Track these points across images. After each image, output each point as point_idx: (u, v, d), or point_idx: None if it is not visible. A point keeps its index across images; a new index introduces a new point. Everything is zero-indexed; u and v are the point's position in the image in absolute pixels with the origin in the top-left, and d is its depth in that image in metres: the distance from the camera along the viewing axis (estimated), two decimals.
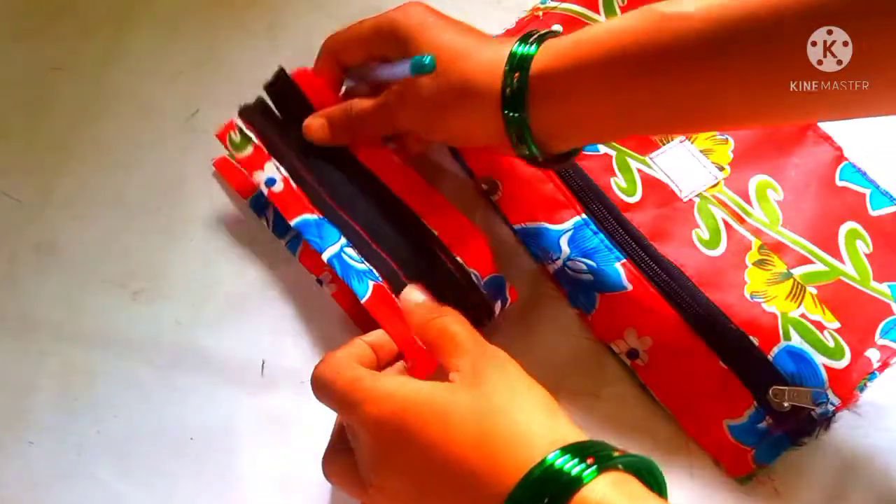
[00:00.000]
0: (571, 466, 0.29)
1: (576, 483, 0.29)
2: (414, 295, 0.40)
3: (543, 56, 0.37)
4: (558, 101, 0.37)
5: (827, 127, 0.47)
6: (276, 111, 0.47)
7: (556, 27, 0.47)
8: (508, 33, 0.52)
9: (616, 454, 0.30)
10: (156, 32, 0.55)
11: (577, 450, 0.30)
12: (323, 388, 0.36)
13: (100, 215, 0.49)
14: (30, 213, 0.50)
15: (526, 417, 0.32)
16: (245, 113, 0.46)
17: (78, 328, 0.46)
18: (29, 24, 0.56)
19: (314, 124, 0.45)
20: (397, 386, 0.34)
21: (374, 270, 0.42)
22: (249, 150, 0.45)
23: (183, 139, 0.51)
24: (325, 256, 0.42)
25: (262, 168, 0.45)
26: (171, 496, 0.42)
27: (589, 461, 0.29)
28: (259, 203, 0.48)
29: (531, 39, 0.38)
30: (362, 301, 0.40)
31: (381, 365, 0.39)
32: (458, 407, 0.32)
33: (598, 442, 0.31)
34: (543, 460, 0.29)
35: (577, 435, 0.31)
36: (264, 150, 0.45)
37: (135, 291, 0.47)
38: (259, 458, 0.42)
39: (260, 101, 0.47)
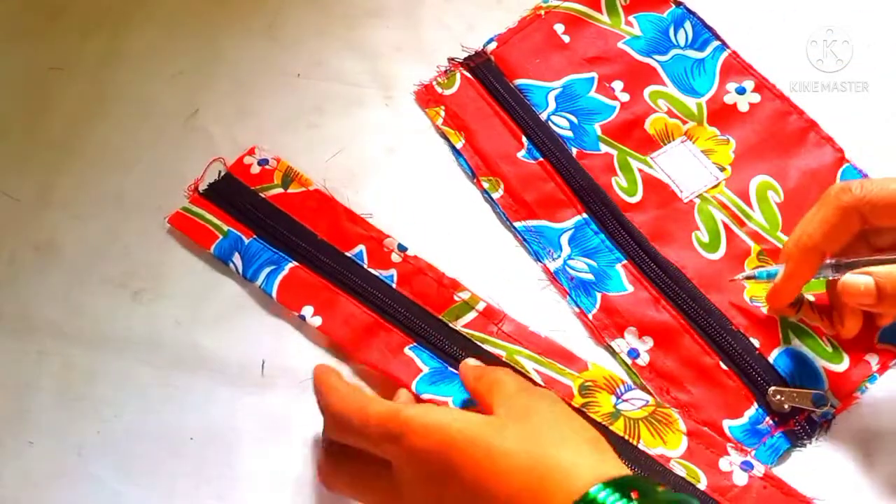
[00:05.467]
0: (613, 501, 0.29)
1: None
2: (470, 360, 0.40)
3: None
4: None
5: (829, 128, 0.47)
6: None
7: None
8: (511, 32, 0.52)
9: (660, 489, 0.30)
10: (156, 32, 0.55)
11: (620, 484, 0.29)
12: (351, 423, 0.35)
13: (100, 215, 0.49)
14: (29, 213, 0.50)
15: (572, 453, 0.32)
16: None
17: (78, 328, 0.46)
18: (29, 24, 0.56)
19: (862, 283, 0.38)
20: (444, 418, 0.33)
21: None
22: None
23: (183, 139, 0.51)
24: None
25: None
26: (171, 496, 0.42)
27: (633, 495, 0.29)
28: (223, 249, 0.47)
29: None
30: None
31: None
32: (505, 441, 0.32)
33: (642, 477, 0.31)
34: (586, 494, 0.29)
35: (622, 471, 0.31)
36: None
37: (135, 291, 0.47)
38: (259, 458, 0.42)
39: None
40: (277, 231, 0.47)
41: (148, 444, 0.43)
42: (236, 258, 0.46)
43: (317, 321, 0.44)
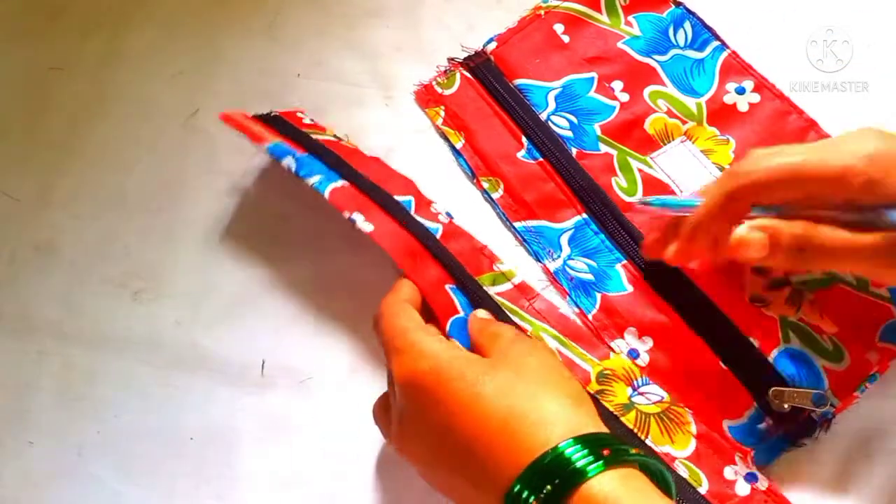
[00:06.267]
0: (580, 457, 0.29)
1: (579, 475, 0.29)
2: (480, 312, 0.41)
3: None
4: None
5: (829, 128, 0.47)
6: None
7: None
8: (511, 32, 0.52)
9: (632, 451, 0.30)
10: (156, 32, 0.55)
11: (592, 441, 0.30)
12: (378, 325, 0.38)
13: (100, 215, 0.50)
14: (29, 213, 0.50)
15: (552, 405, 0.32)
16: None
17: (78, 328, 0.46)
18: (29, 24, 0.56)
19: (754, 240, 0.36)
20: (439, 348, 0.35)
21: None
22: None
23: (183, 139, 0.51)
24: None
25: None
26: (171, 496, 0.42)
27: (604, 453, 0.29)
28: (277, 149, 0.45)
29: None
30: None
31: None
32: (491, 382, 0.33)
33: (615, 437, 0.31)
34: (556, 447, 0.30)
35: (598, 428, 0.32)
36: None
37: (135, 291, 0.47)
38: (259, 458, 0.42)
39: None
40: (328, 161, 0.45)
41: (148, 444, 0.43)
42: (289, 159, 0.44)
43: (368, 227, 0.42)
